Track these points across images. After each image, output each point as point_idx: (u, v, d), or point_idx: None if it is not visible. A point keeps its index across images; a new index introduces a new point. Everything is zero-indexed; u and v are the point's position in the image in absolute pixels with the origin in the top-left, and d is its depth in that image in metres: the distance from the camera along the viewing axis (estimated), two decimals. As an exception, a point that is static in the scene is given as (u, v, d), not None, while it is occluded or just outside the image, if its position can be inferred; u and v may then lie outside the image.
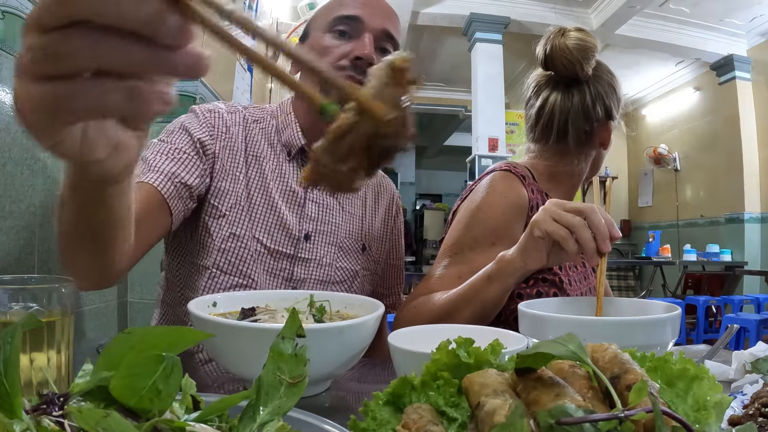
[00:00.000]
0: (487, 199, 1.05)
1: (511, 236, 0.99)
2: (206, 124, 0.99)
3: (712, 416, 0.35)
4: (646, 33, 5.34)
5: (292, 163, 1.06)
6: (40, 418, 0.30)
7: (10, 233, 1.18)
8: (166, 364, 0.31)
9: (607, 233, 0.79)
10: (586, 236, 0.78)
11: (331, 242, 1.06)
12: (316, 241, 1.04)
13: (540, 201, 1.07)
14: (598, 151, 1.18)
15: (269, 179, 1.03)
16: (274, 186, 1.03)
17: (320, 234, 1.05)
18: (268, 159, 1.04)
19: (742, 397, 0.53)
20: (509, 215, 1.03)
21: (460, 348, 0.42)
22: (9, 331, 0.31)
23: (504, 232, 1.02)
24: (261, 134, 1.07)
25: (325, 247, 1.05)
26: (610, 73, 1.16)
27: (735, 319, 3.83)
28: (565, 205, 0.81)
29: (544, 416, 0.31)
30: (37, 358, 0.47)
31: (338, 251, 1.07)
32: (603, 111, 1.12)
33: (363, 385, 0.74)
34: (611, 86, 1.14)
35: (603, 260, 0.80)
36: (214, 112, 1.02)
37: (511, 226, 1.03)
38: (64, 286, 0.51)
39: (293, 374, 0.35)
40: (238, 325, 0.60)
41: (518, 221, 1.04)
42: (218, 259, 0.97)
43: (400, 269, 1.24)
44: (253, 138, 1.06)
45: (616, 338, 0.45)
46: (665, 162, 6.82)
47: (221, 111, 1.03)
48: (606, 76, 1.14)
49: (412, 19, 5.18)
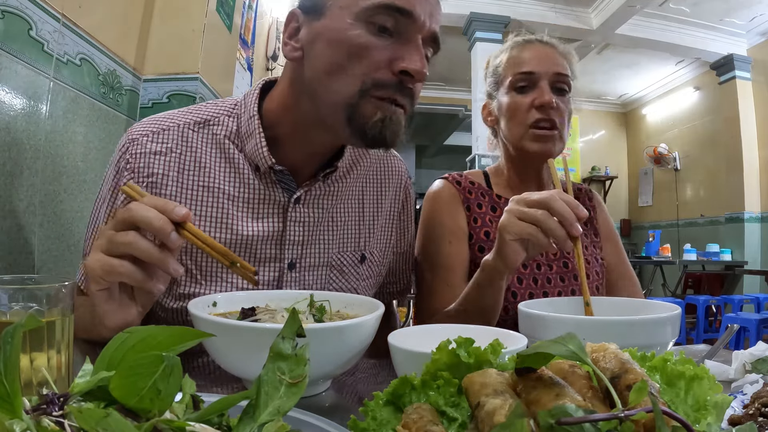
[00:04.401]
0: (429, 210, 1.16)
1: (458, 230, 1.12)
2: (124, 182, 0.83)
3: (712, 416, 0.35)
4: (646, 32, 5.34)
5: (264, 180, 0.84)
6: (40, 418, 0.30)
7: (10, 233, 1.18)
8: (166, 364, 0.31)
9: (573, 217, 0.78)
10: (553, 226, 0.78)
11: (322, 263, 0.91)
12: (303, 267, 0.88)
13: (483, 201, 1.16)
14: (495, 131, 1.21)
15: (229, 207, 0.83)
16: (240, 212, 0.84)
17: (308, 257, 0.89)
18: (225, 179, 0.84)
19: (742, 396, 0.53)
20: (446, 213, 1.13)
21: (460, 348, 0.42)
22: (9, 331, 0.31)
23: (450, 228, 1.12)
24: (210, 145, 0.85)
25: (315, 271, 0.90)
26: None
27: (735, 318, 3.83)
28: (527, 199, 0.82)
29: (544, 416, 0.31)
30: (37, 358, 0.47)
31: (331, 272, 0.92)
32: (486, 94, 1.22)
33: (363, 385, 0.74)
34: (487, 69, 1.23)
35: (577, 243, 0.80)
36: (135, 155, 0.83)
37: (453, 221, 1.12)
38: (64, 286, 0.51)
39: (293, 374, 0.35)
40: (238, 325, 0.60)
41: (457, 215, 1.13)
42: (177, 317, 0.84)
43: (408, 255, 1.10)
44: (197, 155, 0.84)
45: (616, 338, 0.45)
46: (665, 161, 6.82)
47: (142, 142, 0.83)
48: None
49: (412, 19, 5.18)
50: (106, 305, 0.68)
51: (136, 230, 0.65)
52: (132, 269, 0.65)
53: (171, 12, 1.87)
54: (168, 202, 0.66)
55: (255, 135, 0.82)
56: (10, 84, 1.17)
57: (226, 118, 0.86)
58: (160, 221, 0.64)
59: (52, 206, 1.35)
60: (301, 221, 0.87)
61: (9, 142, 1.17)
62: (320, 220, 0.89)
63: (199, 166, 0.84)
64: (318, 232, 0.89)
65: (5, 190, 1.17)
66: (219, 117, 0.86)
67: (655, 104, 7.18)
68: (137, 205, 0.65)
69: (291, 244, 0.87)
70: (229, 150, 0.85)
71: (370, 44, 0.74)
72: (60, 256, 1.37)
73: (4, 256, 1.16)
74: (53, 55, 1.32)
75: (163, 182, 0.83)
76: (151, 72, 1.84)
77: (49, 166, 1.33)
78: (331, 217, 0.91)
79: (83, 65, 1.46)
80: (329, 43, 0.75)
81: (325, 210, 0.90)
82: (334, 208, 0.92)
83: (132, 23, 1.77)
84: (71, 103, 1.42)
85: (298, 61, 0.79)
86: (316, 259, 0.90)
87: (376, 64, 0.74)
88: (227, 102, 0.89)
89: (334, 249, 0.92)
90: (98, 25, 1.52)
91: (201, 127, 0.86)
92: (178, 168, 0.83)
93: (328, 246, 0.91)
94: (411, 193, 1.09)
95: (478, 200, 1.16)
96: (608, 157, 7.66)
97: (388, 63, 0.74)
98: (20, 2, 1.18)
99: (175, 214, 0.65)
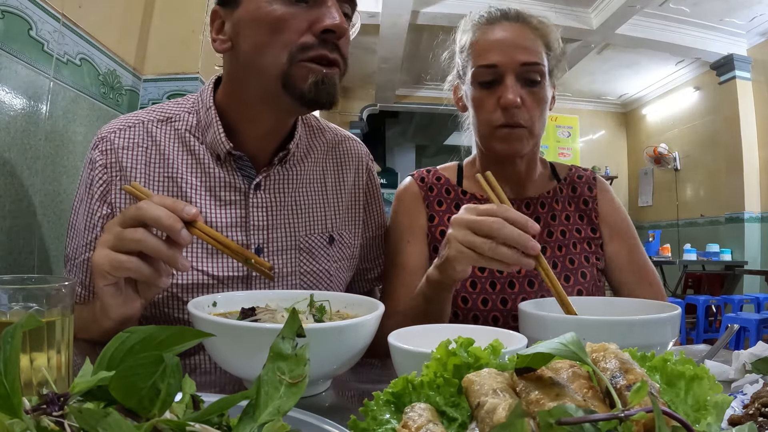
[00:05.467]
0: (392, 210, 1.15)
1: (417, 229, 1.09)
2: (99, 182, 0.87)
3: (712, 416, 0.35)
4: (646, 32, 5.33)
5: (225, 168, 0.89)
6: (40, 418, 0.30)
7: (10, 233, 1.18)
8: (166, 364, 0.31)
9: (525, 238, 0.73)
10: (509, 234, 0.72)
11: (290, 247, 0.93)
12: (270, 251, 0.91)
13: (446, 198, 1.12)
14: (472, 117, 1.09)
15: (192, 195, 0.87)
16: (203, 201, 0.88)
17: (274, 242, 0.91)
18: (187, 170, 0.88)
19: (742, 396, 0.53)
20: (406, 213, 1.11)
21: (460, 348, 0.42)
22: (9, 331, 0.31)
23: (410, 228, 1.10)
24: (173, 139, 0.89)
25: (283, 254, 0.92)
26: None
27: (735, 318, 3.83)
28: (477, 210, 0.77)
29: (544, 416, 0.31)
30: (37, 358, 0.47)
31: (300, 254, 0.94)
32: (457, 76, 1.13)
33: (363, 385, 0.74)
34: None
35: (540, 260, 0.75)
36: (105, 151, 0.87)
37: (413, 221, 1.10)
38: (64, 286, 0.51)
39: (293, 374, 0.35)
40: (238, 325, 0.60)
41: (417, 214, 1.10)
42: (155, 311, 0.86)
43: (379, 239, 1.11)
44: (161, 148, 0.88)
45: (616, 338, 0.45)
46: (665, 161, 6.81)
47: (110, 138, 0.88)
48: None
49: (412, 19, 5.17)
50: (112, 299, 0.70)
51: (144, 227, 0.66)
52: (140, 265, 0.67)
53: (171, 12, 1.87)
54: (177, 201, 0.69)
55: (213, 124, 0.87)
56: (10, 84, 1.17)
57: (186, 114, 0.92)
58: (170, 219, 0.66)
59: (52, 206, 1.34)
60: (263, 206, 0.91)
61: (9, 142, 1.17)
62: (283, 204, 0.93)
63: (164, 159, 0.88)
64: (282, 217, 0.93)
65: (5, 190, 1.17)
66: (180, 114, 0.92)
67: (655, 104, 7.17)
68: (147, 203, 0.67)
69: (255, 230, 0.90)
70: (191, 142, 0.90)
71: (288, 14, 0.78)
72: (60, 256, 1.37)
73: (4, 256, 1.16)
74: (53, 55, 1.32)
75: (131, 175, 0.87)
76: (151, 72, 1.84)
77: (49, 166, 1.33)
78: (295, 202, 0.95)
79: (83, 65, 1.46)
80: (251, 25, 0.80)
81: (287, 194, 0.94)
82: (296, 192, 0.95)
83: (132, 23, 1.77)
84: (71, 103, 1.42)
85: (230, 51, 0.85)
86: (283, 243, 0.92)
87: (297, 31, 0.78)
88: (187, 100, 0.95)
89: (301, 232, 0.95)
90: (98, 25, 1.52)
91: (164, 124, 0.91)
92: (144, 161, 0.88)
93: (294, 229, 0.94)
94: (374, 175, 1.11)
95: (439, 197, 1.12)
96: (608, 157, 7.65)
97: (308, 27, 0.79)
98: (20, 2, 1.18)
99: (185, 213, 0.67)
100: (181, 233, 0.66)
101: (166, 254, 0.67)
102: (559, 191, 1.14)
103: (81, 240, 0.88)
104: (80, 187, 0.90)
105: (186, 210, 0.67)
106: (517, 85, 0.98)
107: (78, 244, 0.89)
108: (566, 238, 1.10)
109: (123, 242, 0.66)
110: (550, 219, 1.11)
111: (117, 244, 0.67)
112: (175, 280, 0.86)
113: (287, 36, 0.78)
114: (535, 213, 1.10)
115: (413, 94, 7.61)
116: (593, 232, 1.12)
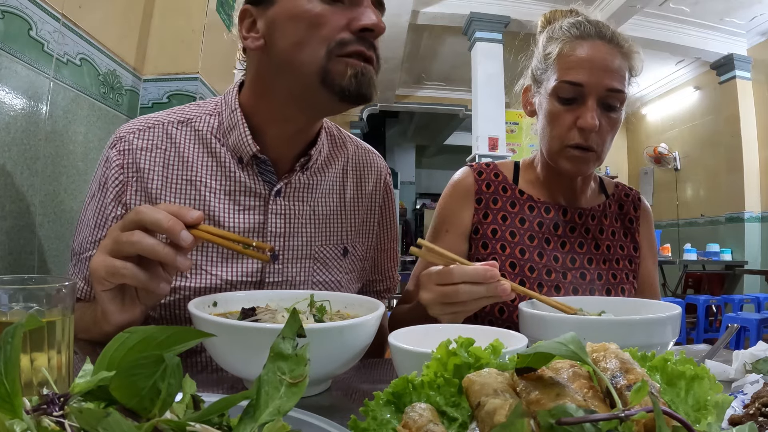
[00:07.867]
0: (443, 195, 1.15)
1: (459, 223, 1.09)
2: (114, 181, 0.86)
3: (712, 416, 0.35)
4: (646, 32, 5.33)
5: (246, 172, 0.88)
6: (41, 418, 0.30)
7: (10, 233, 1.18)
8: (166, 364, 0.31)
9: (492, 287, 0.74)
10: (477, 294, 0.74)
11: (305, 256, 0.92)
12: (286, 259, 0.90)
13: (501, 196, 1.10)
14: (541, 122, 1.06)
15: (210, 198, 0.87)
16: (222, 204, 0.87)
17: (290, 250, 0.91)
18: (207, 173, 0.87)
19: (742, 396, 0.53)
20: (454, 204, 1.11)
21: (460, 348, 0.42)
22: (9, 331, 0.31)
23: (451, 219, 1.10)
24: (193, 141, 0.88)
25: (297, 263, 0.91)
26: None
27: (735, 318, 3.83)
28: (436, 282, 0.77)
29: (544, 416, 0.31)
30: (38, 358, 0.47)
31: (314, 264, 0.94)
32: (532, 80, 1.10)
33: (363, 385, 0.74)
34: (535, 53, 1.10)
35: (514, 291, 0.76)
36: (123, 151, 0.87)
37: (457, 213, 1.10)
38: (65, 287, 0.51)
39: (293, 374, 0.35)
40: (238, 325, 0.60)
41: (464, 208, 1.10)
42: (164, 312, 0.86)
43: (393, 251, 1.11)
44: (181, 150, 0.87)
45: (616, 338, 0.45)
46: (665, 161, 6.82)
47: (129, 138, 0.87)
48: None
49: (412, 19, 5.18)
50: (111, 305, 0.69)
51: (144, 231, 0.66)
52: (135, 271, 0.66)
53: (171, 12, 1.87)
54: (182, 207, 0.68)
55: (238, 126, 0.86)
56: (10, 84, 1.17)
57: (208, 116, 0.90)
58: (170, 221, 0.65)
59: (52, 206, 1.34)
60: (281, 213, 0.90)
61: (9, 142, 1.17)
62: (301, 212, 0.92)
63: (183, 161, 0.88)
64: (299, 225, 0.92)
65: (5, 190, 1.17)
66: (201, 116, 0.91)
67: (655, 104, 7.18)
68: (147, 208, 0.66)
69: (272, 236, 0.89)
70: (212, 144, 0.88)
71: (326, 11, 0.79)
72: (60, 256, 1.37)
73: (4, 256, 1.16)
74: (53, 55, 1.32)
75: (149, 176, 0.86)
76: (151, 72, 1.84)
77: (49, 166, 1.33)
78: (313, 211, 0.94)
79: (83, 65, 1.46)
80: (289, 22, 0.80)
81: (306, 203, 0.93)
82: (315, 201, 0.94)
83: (132, 23, 1.77)
84: (71, 103, 1.42)
85: (262, 49, 0.83)
86: (298, 251, 0.92)
87: (336, 28, 0.79)
88: (208, 103, 0.94)
89: (316, 242, 0.94)
90: (98, 25, 1.52)
91: (184, 125, 0.90)
92: (163, 163, 0.87)
93: (310, 239, 0.93)
94: (391, 189, 1.10)
95: (495, 195, 1.10)
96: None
97: (346, 25, 0.80)
98: (20, 2, 1.18)
99: (189, 217, 0.67)
100: (181, 234, 0.65)
101: (162, 253, 0.65)
102: (607, 206, 1.15)
103: (89, 236, 0.88)
104: (93, 184, 0.90)
105: (190, 214, 0.67)
106: (598, 108, 0.97)
107: (85, 240, 0.89)
108: (611, 254, 1.11)
109: (120, 245, 0.66)
110: (598, 233, 1.11)
111: (115, 248, 0.66)
112: (188, 283, 0.85)
113: (326, 32, 0.79)
114: (586, 224, 1.11)
115: (413, 94, 7.62)
116: (635, 251, 1.13)
